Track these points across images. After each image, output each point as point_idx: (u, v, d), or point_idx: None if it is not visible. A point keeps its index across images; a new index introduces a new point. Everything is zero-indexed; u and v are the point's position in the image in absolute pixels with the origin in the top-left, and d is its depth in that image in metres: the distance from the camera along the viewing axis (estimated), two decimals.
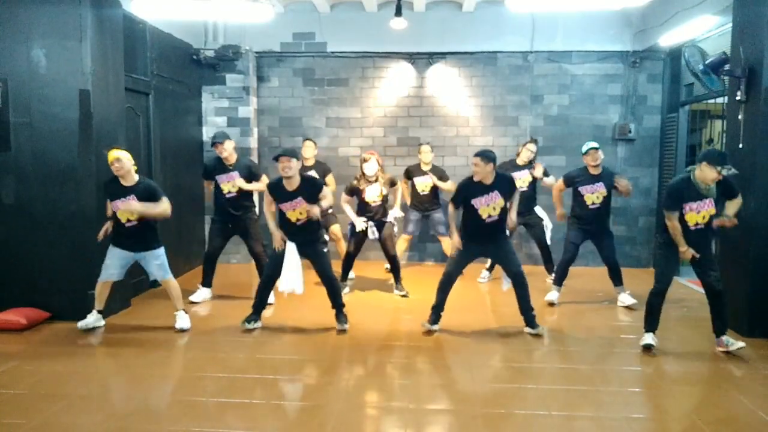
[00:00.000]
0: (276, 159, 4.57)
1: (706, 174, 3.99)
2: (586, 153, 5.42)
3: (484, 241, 4.67)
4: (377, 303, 5.70)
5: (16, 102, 4.84)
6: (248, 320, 4.77)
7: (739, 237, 4.80)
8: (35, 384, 3.68)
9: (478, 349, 4.41)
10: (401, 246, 6.92)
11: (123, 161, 4.50)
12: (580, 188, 5.41)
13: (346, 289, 5.88)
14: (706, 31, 5.91)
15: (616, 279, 5.52)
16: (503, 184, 4.58)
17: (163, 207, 4.57)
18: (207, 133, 7.42)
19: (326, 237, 4.92)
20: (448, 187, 6.43)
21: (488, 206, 4.53)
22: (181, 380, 3.81)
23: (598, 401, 3.54)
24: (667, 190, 4.23)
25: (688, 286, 6.25)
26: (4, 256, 4.96)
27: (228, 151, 5.40)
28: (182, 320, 4.76)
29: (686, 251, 4.14)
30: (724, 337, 4.28)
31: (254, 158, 7.51)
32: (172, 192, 6.46)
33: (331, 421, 3.23)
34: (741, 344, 4.21)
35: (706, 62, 4.97)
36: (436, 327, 4.70)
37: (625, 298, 5.51)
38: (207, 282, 5.69)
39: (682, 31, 6.03)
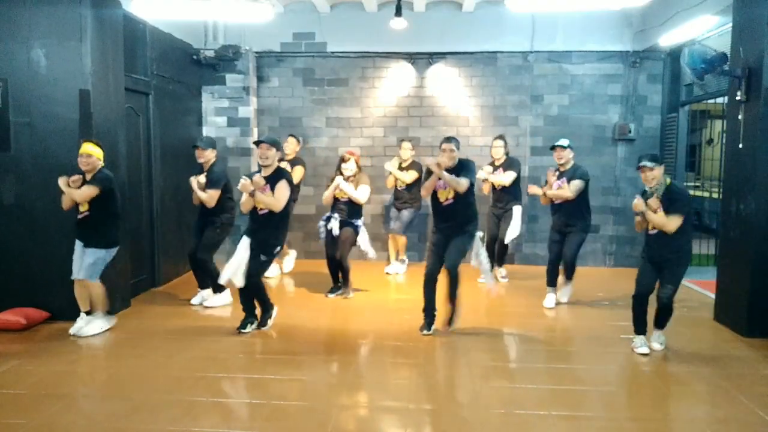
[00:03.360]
0: (256, 145, 4.61)
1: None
2: (551, 147, 5.53)
3: (447, 229, 4.64)
4: (376, 303, 5.70)
5: (16, 102, 4.85)
6: (243, 325, 4.72)
7: (739, 237, 4.81)
8: (35, 384, 3.68)
9: (477, 348, 4.41)
10: (400, 242, 6.89)
11: (93, 157, 4.48)
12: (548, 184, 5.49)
13: (340, 291, 5.88)
14: (706, 31, 5.91)
15: (568, 273, 5.56)
16: (461, 168, 4.56)
17: (79, 189, 4.42)
18: (207, 133, 7.41)
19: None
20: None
21: (446, 190, 4.55)
22: (181, 380, 3.81)
23: (598, 401, 3.54)
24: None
25: (687, 286, 6.25)
26: (4, 256, 4.96)
27: (204, 158, 5.34)
28: (95, 324, 4.60)
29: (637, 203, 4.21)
30: (656, 333, 4.37)
31: (254, 158, 7.52)
32: (172, 192, 6.50)
33: (331, 421, 3.23)
34: (645, 350, 4.26)
35: (707, 59, 4.93)
36: (431, 332, 4.69)
37: (565, 294, 5.60)
38: (202, 284, 5.63)
39: (682, 31, 6.03)
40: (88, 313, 4.70)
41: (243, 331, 4.68)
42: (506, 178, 6.18)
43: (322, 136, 7.63)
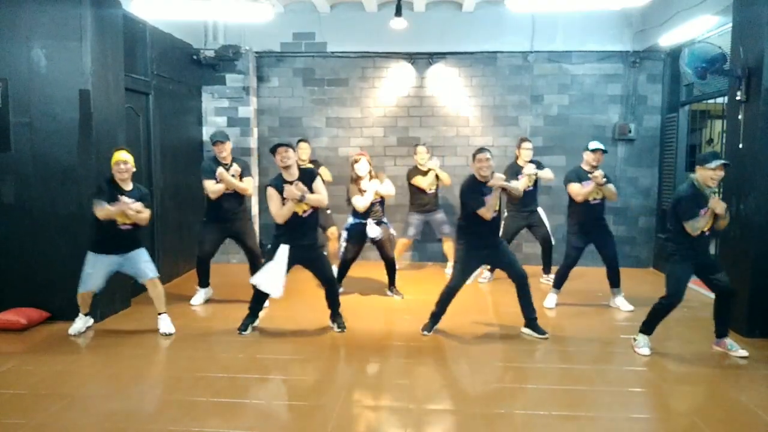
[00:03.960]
0: (273, 151, 4.54)
1: (704, 176, 4.06)
2: (593, 151, 5.33)
3: (487, 243, 4.60)
4: (377, 304, 5.70)
5: (16, 102, 4.85)
6: (244, 327, 4.71)
7: (739, 237, 4.80)
8: (35, 384, 3.68)
9: (478, 349, 4.41)
10: (399, 249, 6.90)
11: (129, 164, 4.49)
12: (583, 184, 5.31)
13: (341, 290, 5.87)
14: (706, 31, 5.91)
15: (615, 280, 5.51)
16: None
17: (148, 214, 4.53)
18: (207, 133, 7.42)
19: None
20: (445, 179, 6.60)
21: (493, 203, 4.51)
22: (181, 380, 3.81)
23: (598, 401, 3.54)
24: (682, 201, 4.10)
25: (688, 286, 6.24)
26: (4, 256, 4.96)
27: (227, 151, 5.38)
28: (166, 324, 4.71)
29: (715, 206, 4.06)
30: (728, 340, 4.30)
31: (254, 158, 7.52)
32: (172, 192, 6.51)
33: (331, 421, 3.23)
34: (744, 353, 4.20)
35: (708, 58, 4.90)
36: (430, 333, 4.69)
37: (621, 303, 5.49)
38: (204, 282, 5.66)
39: (682, 31, 6.03)
40: (87, 314, 4.69)
41: (244, 332, 4.68)
42: (549, 172, 6.15)
43: (322, 136, 7.62)
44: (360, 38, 7.45)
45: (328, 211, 6.56)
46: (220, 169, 5.27)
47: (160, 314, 4.73)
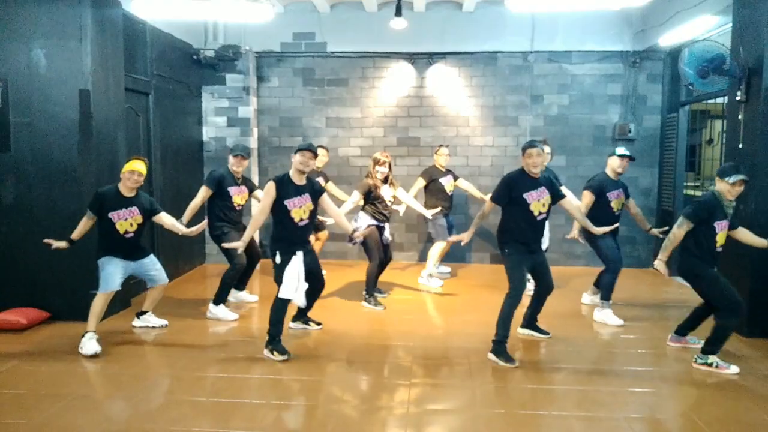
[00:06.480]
0: (298, 150, 4.21)
1: (722, 189, 3.97)
2: (620, 156, 5.12)
3: (534, 245, 4.29)
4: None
5: (16, 102, 4.84)
6: (279, 350, 4.20)
7: None
8: (35, 384, 3.68)
9: (477, 349, 4.40)
10: (445, 250, 6.72)
11: (142, 177, 4.40)
12: (608, 194, 5.04)
13: (385, 295, 5.81)
14: (706, 31, 5.91)
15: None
16: (548, 180, 4.38)
17: (173, 221, 4.63)
18: (207, 133, 7.43)
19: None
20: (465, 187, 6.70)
21: (539, 202, 4.21)
22: (181, 380, 3.81)
23: (598, 401, 3.54)
24: (697, 205, 4.04)
25: (688, 286, 6.23)
26: (4, 256, 4.96)
27: (244, 167, 5.27)
28: (155, 319, 4.84)
29: (662, 264, 4.10)
30: (689, 336, 4.42)
31: (254, 158, 7.52)
32: (172, 192, 6.51)
33: (331, 421, 3.23)
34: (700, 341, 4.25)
35: (708, 57, 4.87)
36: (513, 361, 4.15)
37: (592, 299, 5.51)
38: (242, 287, 5.65)
39: (682, 31, 6.03)
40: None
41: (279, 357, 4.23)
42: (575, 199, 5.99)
43: (322, 136, 7.62)
44: (360, 38, 7.46)
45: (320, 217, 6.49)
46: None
47: (146, 312, 4.81)
